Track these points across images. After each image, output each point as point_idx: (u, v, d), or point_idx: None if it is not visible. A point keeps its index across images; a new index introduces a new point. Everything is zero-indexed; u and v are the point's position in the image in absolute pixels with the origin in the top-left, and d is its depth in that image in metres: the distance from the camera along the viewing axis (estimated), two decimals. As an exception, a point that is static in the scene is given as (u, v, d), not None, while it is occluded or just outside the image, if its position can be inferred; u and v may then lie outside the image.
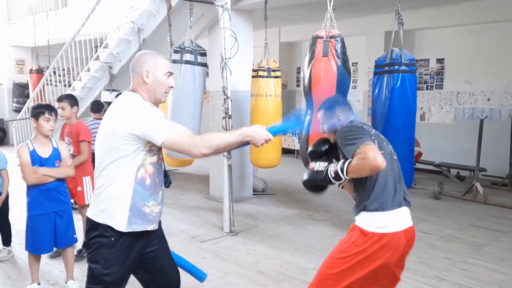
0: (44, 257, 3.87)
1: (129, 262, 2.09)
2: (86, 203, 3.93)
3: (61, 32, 9.81)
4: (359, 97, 9.49)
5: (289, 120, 2.40)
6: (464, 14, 7.58)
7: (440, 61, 8.48)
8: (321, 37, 4.17)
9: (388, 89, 4.04)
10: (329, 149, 2.37)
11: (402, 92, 4.04)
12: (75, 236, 3.45)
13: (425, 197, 6.50)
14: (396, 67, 4.08)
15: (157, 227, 2.17)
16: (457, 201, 6.31)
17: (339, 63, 4.09)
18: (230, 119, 4.78)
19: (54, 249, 3.47)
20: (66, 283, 3.45)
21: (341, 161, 2.14)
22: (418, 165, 7.62)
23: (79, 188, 3.98)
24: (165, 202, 2.32)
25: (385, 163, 2.01)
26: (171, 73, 2.13)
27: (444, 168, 7.48)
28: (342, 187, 2.36)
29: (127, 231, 2.02)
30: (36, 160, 3.20)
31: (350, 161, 2.09)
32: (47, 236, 3.27)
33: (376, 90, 4.34)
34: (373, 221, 2.14)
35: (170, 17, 5.62)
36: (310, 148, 2.45)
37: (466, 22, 7.72)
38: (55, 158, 3.29)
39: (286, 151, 9.97)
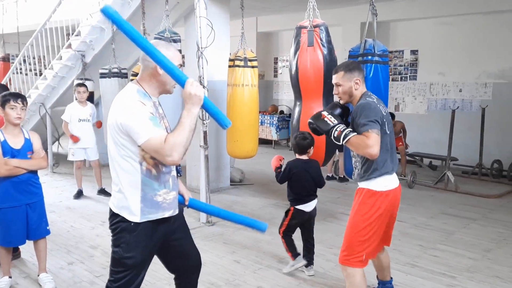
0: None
1: (150, 246, 2.16)
2: None
3: (31, 19, 9.50)
4: (335, 87, 9.56)
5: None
6: (437, 6, 7.72)
7: (414, 52, 8.63)
8: (305, 27, 4.16)
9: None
10: (341, 112, 2.75)
11: (374, 82, 4.08)
12: (48, 228, 3.39)
13: (399, 186, 6.63)
14: (369, 57, 4.12)
15: (176, 213, 2.22)
16: (430, 190, 6.48)
17: (325, 52, 4.10)
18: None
19: None
20: (38, 276, 3.39)
21: (348, 129, 2.55)
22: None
23: None
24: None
25: (378, 155, 2.48)
26: (181, 65, 2.14)
27: (417, 157, 7.65)
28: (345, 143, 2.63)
29: (141, 221, 2.08)
30: (8, 151, 3.11)
31: (354, 134, 2.51)
32: (19, 228, 3.20)
33: None
34: (381, 183, 2.61)
35: (144, 5, 5.51)
36: (326, 108, 2.78)
37: (439, 14, 7.87)
38: (27, 149, 3.21)
39: (263, 142, 10.00)
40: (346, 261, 2.62)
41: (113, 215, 2.13)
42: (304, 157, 3.56)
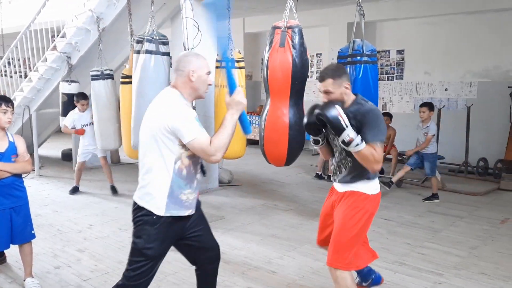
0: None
1: (168, 240, 2.34)
2: None
3: (15, 20, 9.38)
4: (323, 87, 9.61)
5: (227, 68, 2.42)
6: (423, 7, 7.80)
7: (400, 52, 8.71)
8: (280, 28, 4.18)
9: (351, 80, 4.10)
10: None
11: (364, 82, 4.12)
12: (33, 232, 3.34)
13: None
14: (358, 57, 4.15)
15: (193, 212, 2.39)
16: (417, 189, 6.54)
17: (294, 55, 4.10)
18: (194, 110, 4.74)
19: None
20: (24, 280, 3.34)
21: (359, 137, 2.39)
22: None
23: None
24: (130, 195, 2.32)
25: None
26: (210, 72, 2.36)
27: (404, 156, 7.70)
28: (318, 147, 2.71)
29: (165, 215, 2.25)
30: (-9, 154, 3.06)
31: (365, 145, 2.39)
32: (3, 232, 3.16)
33: None
34: (373, 186, 2.63)
35: (131, 6, 5.47)
36: (338, 104, 2.49)
37: (424, 14, 7.95)
38: (11, 152, 3.17)
39: (252, 142, 9.99)
40: (336, 264, 2.59)
41: (138, 208, 2.30)
42: None
